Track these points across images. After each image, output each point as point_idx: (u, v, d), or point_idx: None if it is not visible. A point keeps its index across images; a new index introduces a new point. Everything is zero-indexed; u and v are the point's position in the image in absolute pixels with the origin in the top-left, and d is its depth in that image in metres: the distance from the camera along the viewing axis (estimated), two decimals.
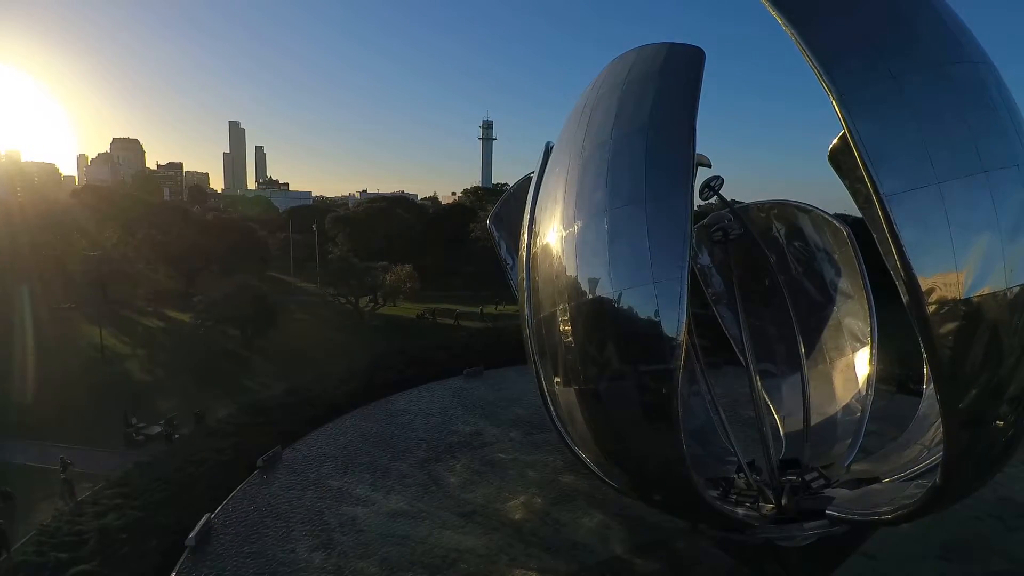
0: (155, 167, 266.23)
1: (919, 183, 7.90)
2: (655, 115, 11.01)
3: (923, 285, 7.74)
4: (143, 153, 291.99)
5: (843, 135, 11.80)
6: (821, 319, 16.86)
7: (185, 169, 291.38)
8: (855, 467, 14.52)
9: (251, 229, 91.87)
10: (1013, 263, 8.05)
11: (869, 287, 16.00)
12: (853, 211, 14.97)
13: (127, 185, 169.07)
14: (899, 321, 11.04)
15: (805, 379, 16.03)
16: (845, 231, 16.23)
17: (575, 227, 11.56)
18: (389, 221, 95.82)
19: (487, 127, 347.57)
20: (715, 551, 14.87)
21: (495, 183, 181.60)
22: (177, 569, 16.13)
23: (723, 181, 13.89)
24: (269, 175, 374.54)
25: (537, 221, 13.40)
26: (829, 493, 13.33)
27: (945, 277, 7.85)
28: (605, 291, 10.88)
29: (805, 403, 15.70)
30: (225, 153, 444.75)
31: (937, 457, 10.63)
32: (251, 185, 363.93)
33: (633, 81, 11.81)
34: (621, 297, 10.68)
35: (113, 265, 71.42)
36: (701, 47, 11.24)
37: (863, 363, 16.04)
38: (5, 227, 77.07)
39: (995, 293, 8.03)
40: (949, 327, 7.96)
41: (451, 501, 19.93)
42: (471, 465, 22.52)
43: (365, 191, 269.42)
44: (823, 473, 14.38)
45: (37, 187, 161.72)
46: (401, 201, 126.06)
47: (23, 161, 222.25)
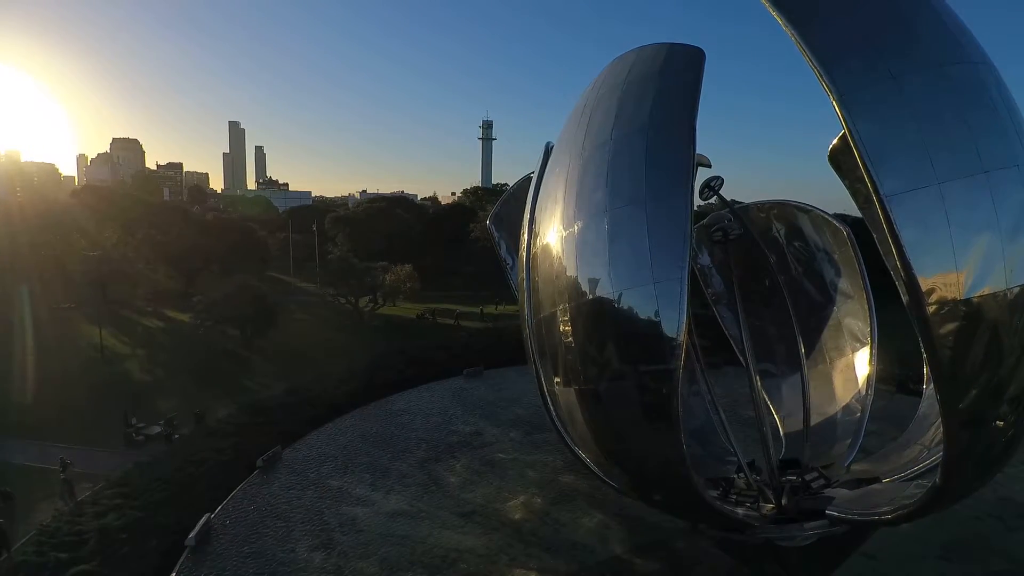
0: (155, 167, 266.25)
1: (919, 183, 7.91)
2: (655, 115, 11.01)
3: (923, 285, 7.75)
4: (143, 153, 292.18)
5: (843, 135, 11.80)
6: (821, 319, 16.87)
7: (185, 169, 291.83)
8: (855, 467, 14.53)
9: (251, 229, 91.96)
10: (1013, 263, 8.06)
11: (869, 287, 16.00)
12: (853, 211, 14.98)
13: (127, 185, 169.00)
14: (899, 321, 11.03)
15: (805, 379, 16.03)
16: (845, 231, 16.24)
17: (575, 227, 11.56)
18: (389, 221, 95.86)
19: (487, 127, 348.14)
20: (715, 551, 14.88)
21: (495, 183, 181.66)
22: (177, 569, 16.12)
23: (723, 181, 13.90)
24: (269, 175, 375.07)
25: (537, 221, 13.41)
26: (829, 493, 13.33)
27: (945, 277, 7.86)
28: (605, 291, 10.88)
29: (805, 403, 15.71)
30: (225, 153, 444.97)
31: (937, 457, 10.63)
32: (251, 185, 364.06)
33: (633, 81, 11.82)
34: (621, 297, 10.68)
35: (113, 265, 71.48)
36: (701, 47, 11.24)
37: (863, 363, 16.05)
38: (5, 227, 77.07)
39: (995, 293, 8.04)
40: (949, 327, 7.97)
41: (451, 501, 19.92)
42: (471, 465, 22.52)
43: (365, 191, 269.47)
44: (823, 473, 14.38)
45: (37, 187, 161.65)
46: (401, 201, 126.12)
47: (23, 161, 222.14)
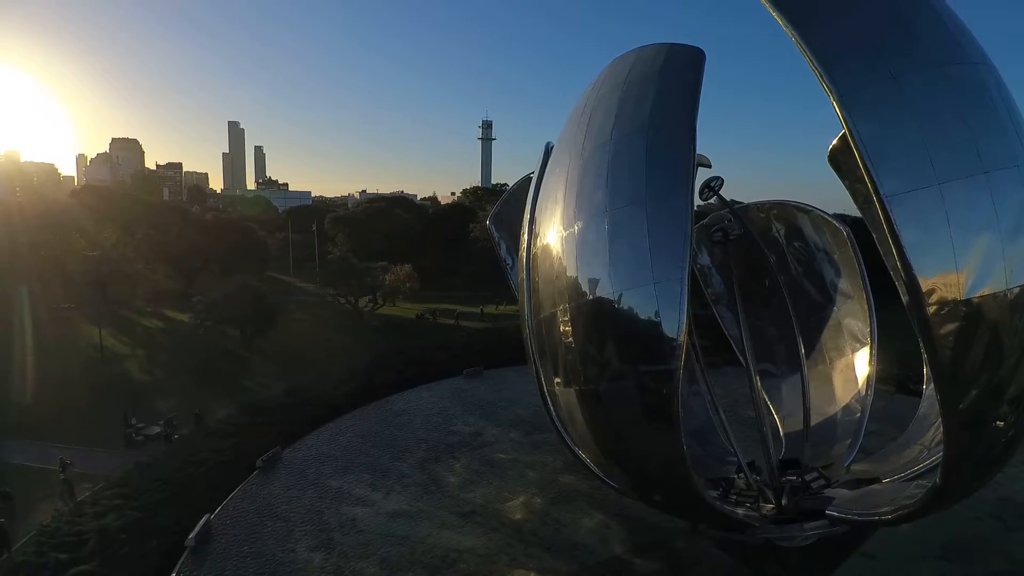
0: (154, 167, 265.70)
1: (919, 184, 7.90)
2: (655, 115, 11.01)
3: (923, 286, 7.74)
4: (142, 153, 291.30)
5: (843, 135, 11.81)
6: (821, 319, 16.87)
7: (184, 169, 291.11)
8: (855, 467, 14.52)
9: (250, 229, 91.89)
10: (1013, 264, 8.05)
11: (869, 287, 16.00)
12: (853, 211, 14.97)
13: (126, 185, 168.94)
14: (899, 321, 11.04)
15: (805, 379, 16.03)
16: (845, 231, 16.24)
17: (575, 227, 11.56)
18: (389, 221, 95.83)
19: (487, 127, 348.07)
20: (715, 551, 14.88)
21: (495, 183, 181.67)
22: (177, 570, 16.11)
23: (723, 181, 13.90)
24: (268, 175, 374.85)
25: (537, 221, 13.40)
26: (829, 493, 13.32)
27: (945, 278, 7.86)
28: (605, 291, 10.88)
29: (805, 403, 15.71)
30: (224, 153, 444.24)
31: (937, 457, 10.62)
32: (250, 185, 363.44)
33: (633, 82, 11.82)
34: (621, 298, 10.68)
35: (112, 265, 71.43)
36: (701, 47, 11.24)
37: (863, 363, 16.05)
38: (4, 227, 77.05)
39: (995, 294, 8.04)
40: (949, 327, 7.97)
41: (451, 501, 19.92)
42: (471, 465, 22.52)
43: (364, 191, 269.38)
44: (823, 473, 14.38)
45: (36, 187, 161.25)
46: (400, 201, 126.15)
47: (22, 161, 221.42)
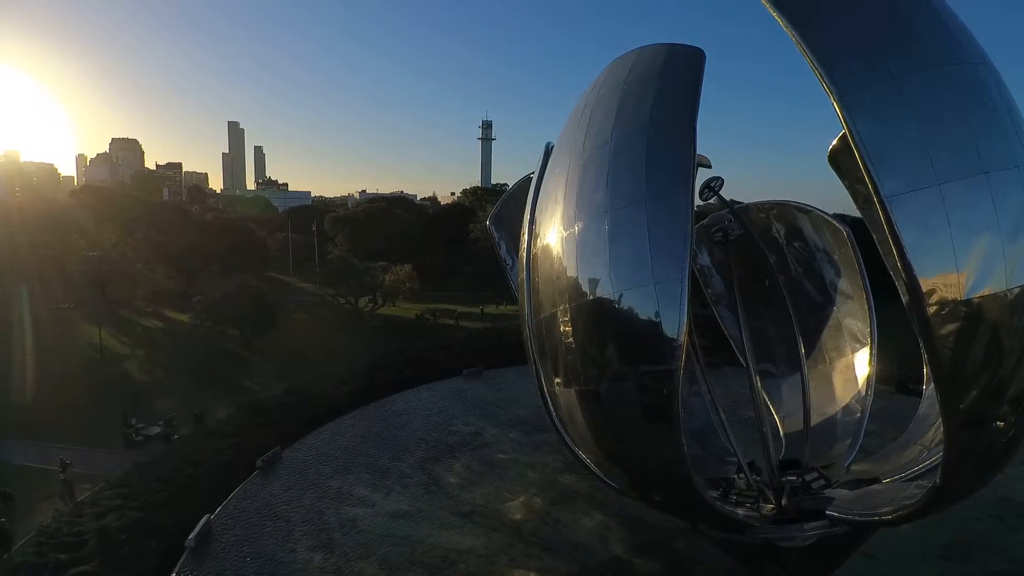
0: (154, 167, 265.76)
1: (920, 184, 7.90)
2: (656, 116, 11.01)
3: (924, 286, 7.74)
4: (142, 153, 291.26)
5: (843, 135, 11.82)
6: (821, 319, 16.87)
7: (184, 169, 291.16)
8: (855, 467, 14.52)
9: (250, 229, 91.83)
10: (1013, 264, 8.06)
11: (869, 287, 16.00)
12: (853, 211, 14.96)
13: (126, 185, 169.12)
14: (899, 321, 11.05)
15: (805, 379, 16.03)
16: (845, 231, 16.24)
17: (575, 228, 11.56)
18: (388, 221, 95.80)
19: (486, 127, 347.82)
20: (715, 551, 14.89)
21: (494, 183, 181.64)
22: (177, 570, 16.11)
23: (723, 182, 13.91)
24: (268, 175, 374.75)
25: (537, 222, 13.40)
26: (829, 493, 13.32)
27: (946, 278, 7.86)
28: (606, 292, 10.88)
29: (805, 403, 15.71)
30: (224, 153, 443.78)
31: (937, 457, 10.62)
32: (250, 185, 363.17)
33: (633, 82, 11.82)
34: (622, 298, 10.68)
35: (112, 265, 71.35)
36: (701, 47, 11.24)
37: (863, 363, 16.05)
38: (4, 227, 77.04)
39: (995, 294, 8.04)
40: (950, 328, 7.97)
41: (451, 501, 19.92)
42: (471, 465, 22.52)
43: (364, 191, 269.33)
44: (823, 473, 14.38)
45: (36, 187, 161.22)
46: (400, 201, 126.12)
47: (22, 161, 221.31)
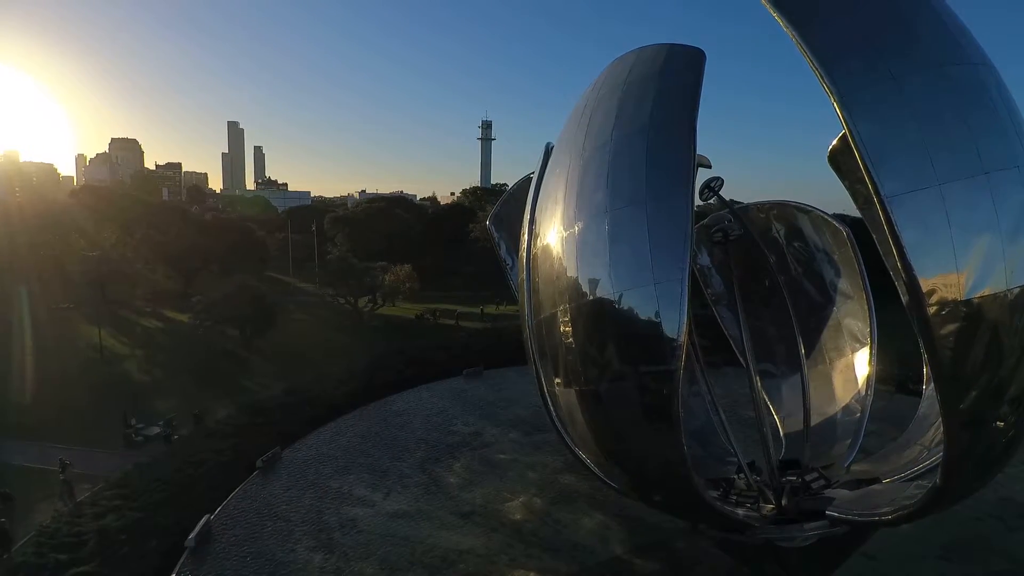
0: (154, 167, 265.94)
1: (920, 184, 7.90)
2: (656, 116, 11.00)
3: (924, 286, 7.74)
4: (142, 153, 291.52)
5: (843, 136, 11.84)
6: (821, 319, 16.87)
7: (184, 169, 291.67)
8: (855, 467, 14.52)
9: (250, 229, 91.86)
10: (1013, 264, 8.06)
11: (869, 287, 16.00)
12: (853, 211, 14.97)
13: (126, 185, 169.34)
14: (899, 321, 11.04)
15: (805, 379, 16.02)
16: (845, 232, 16.24)
17: (576, 228, 11.55)
18: (388, 221, 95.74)
19: (486, 127, 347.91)
20: (715, 551, 14.88)
21: (494, 183, 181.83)
22: (177, 570, 16.10)
23: (723, 182, 13.91)
24: (268, 175, 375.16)
25: (537, 222, 13.39)
26: (829, 494, 13.33)
27: (946, 278, 7.86)
28: (606, 292, 10.88)
29: (805, 403, 15.70)
30: (224, 153, 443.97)
31: (937, 458, 10.62)
32: (250, 185, 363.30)
33: (633, 82, 11.81)
34: (622, 298, 10.68)
35: (112, 265, 71.35)
36: (701, 48, 11.25)
37: (863, 363, 16.05)
38: (4, 227, 77.00)
39: (996, 294, 8.04)
40: (950, 328, 7.97)
41: (451, 501, 19.92)
42: (471, 465, 22.51)
43: (364, 191, 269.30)
44: (823, 474, 14.37)
45: (36, 187, 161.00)
46: (400, 201, 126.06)
47: (21, 161, 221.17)
